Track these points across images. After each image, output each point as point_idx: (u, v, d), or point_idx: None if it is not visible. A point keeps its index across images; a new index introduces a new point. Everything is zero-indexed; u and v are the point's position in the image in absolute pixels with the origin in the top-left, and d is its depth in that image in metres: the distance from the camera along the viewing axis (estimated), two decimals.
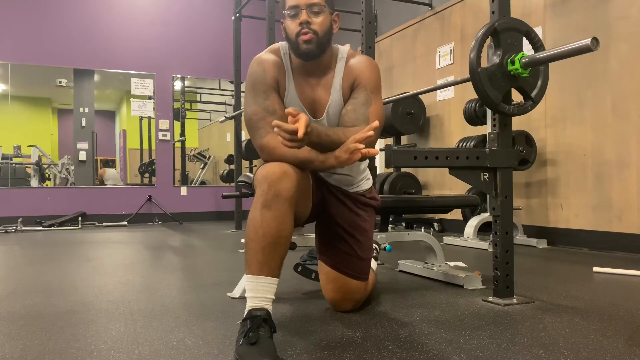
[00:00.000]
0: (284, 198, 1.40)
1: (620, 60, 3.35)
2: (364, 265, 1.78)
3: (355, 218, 1.79)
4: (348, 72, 1.68)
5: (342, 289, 1.76)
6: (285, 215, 1.41)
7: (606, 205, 3.43)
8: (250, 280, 1.39)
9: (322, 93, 1.68)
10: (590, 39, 1.57)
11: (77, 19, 6.47)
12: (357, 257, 1.77)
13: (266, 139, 1.57)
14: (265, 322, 1.33)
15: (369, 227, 1.82)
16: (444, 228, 4.90)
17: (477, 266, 2.83)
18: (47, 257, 3.43)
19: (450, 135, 4.93)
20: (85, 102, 6.75)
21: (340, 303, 1.78)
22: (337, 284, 1.76)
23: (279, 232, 1.39)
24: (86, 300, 2.05)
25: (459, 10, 4.87)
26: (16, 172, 6.43)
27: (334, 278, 1.76)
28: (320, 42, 1.60)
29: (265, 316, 1.34)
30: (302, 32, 1.58)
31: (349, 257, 1.76)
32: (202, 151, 7.54)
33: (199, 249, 3.79)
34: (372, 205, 1.86)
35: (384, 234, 2.35)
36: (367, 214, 1.83)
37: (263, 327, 1.31)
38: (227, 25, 6.16)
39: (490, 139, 1.96)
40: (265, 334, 1.30)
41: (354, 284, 1.76)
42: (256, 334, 1.29)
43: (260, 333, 1.30)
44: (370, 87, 1.65)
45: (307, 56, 1.61)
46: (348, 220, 1.78)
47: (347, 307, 1.78)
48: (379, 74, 1.69)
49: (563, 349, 1.38)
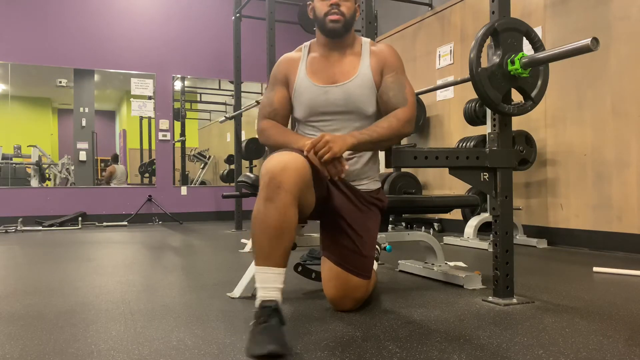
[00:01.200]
0: (285, 190, 1.46)
1: (620, 60, 3.35)
2: (367, 262, 1.79)
3: (358, 213, 1.80)
4: (374, 56, 1.88)
5: (343, 286, 1.76)
6: (287, 207, 1.47)
7: (606, 205, 3.43)
8: (258, 271, 1.46)
9: (346, 66, 1.87)
10: (590, 39, 1.57)
11: (77, 19, 6.47)
12: (360, 254, 1.77)
13: (262, 123, 1.89)
14: (275, 312, 1.39)
15: (372, 226, 1.83)
16: (444, 228, 4.90)
17: (477, 266, 2.83)
18: (47, 257, 3.43)
19: (450, 135, 4.93)
20: (85, 102, 6.75)
21: (341, 301, 1.78)
22: (339, 280, 1.76)
23: (282, 224, 1.45)
24: (86, 300, 2.05)
25: (459, 10, 4.87)
26: (16, 172, 6.43)
27: (336, 274, 1.77)
28: (347, 23, 1.84)
29: (275, 306, 1.40)
30: (332, 12, 1.82)
31: (352, 254, 1.76)
32: (202, 151, 7.55)
33: (199, 249, 3.79)
34: (377, 205, 1.88)
35: (384, 234, 2.35)
36: (371, 212, 1.84)
37: (273, 317, 1.38)
38: (227, 25, 6.17)
39: (490, 139, 1.96)
40: (275, 323, 1.37)
41: (355, 281, 1.76)
42: (267, 323, 1.36)
43: (271, 323, 1.36)
44: (400, 71, 1.87)
45: (333, 33, 1.84)
46: (351, 214, 1.79)
47: (348, 305, 1.78)
48: (401, 59, 1.92)
49: (563, 349, 1.38)
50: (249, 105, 5.18)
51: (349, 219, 1.78)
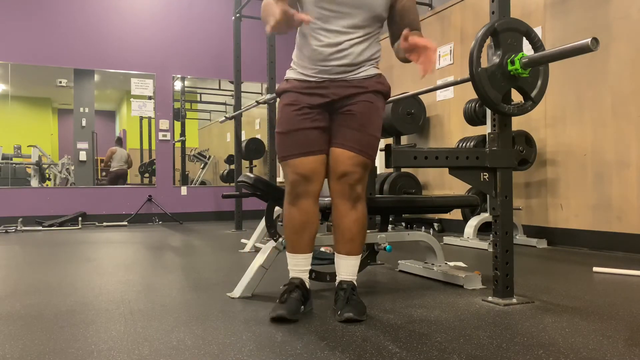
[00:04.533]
0: (305, 198, 1.77)
1: (620, 60, 3.35)
2: (369, 140, 1.76)
3: (358, 100, 1.76)
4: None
5: (343, 163, 1.75)
6: (307, 209, 1.78)
7: (606, 205, 3.43)
8: (288, 257, 1.84)
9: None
10: (590, 39, 1.57)
11: (78, 19, 6.47)
12: (359, 130, 1.75)
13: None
14: (298, 288, 1.75)
15: (372, 108, 1.78)
16: (444, 228, 4.90)
17: (477, 266, 2.83)
18: (47, 257, 3.43)
19: (450, 135, 4.94)
20: (85, 102, 6.75)
21: (338, 185, 1.77)
22: (340, 161, 1.75)
23: (303, 222, 1.79)
24: (86, 300, 2.05)
25: (459, 10, 4.88)
26: (16, 172, 6.42)
27: (338, 156, 1.76)
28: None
29: (298, 283, 1.77)
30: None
31: (352, 131, 1.75)
32: (202, 151, 7.54)
33: (199, 249, 3.79)
34: (379, 90, 1.81)
35: (384, 234, 2.35)
36: (373, 96, 1.79)
37: (294, 292, 1.74)
38: (227, 25, 6.17)
39: (490, 139, 1.97)
40: (295, 296, 1.73)
41: (352, 157, 1.74)
42: (287, 295, 1.73)
43: (292, 295, 1.73)
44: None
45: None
46: (351, 103, 1.76)
47: (345, 190, 1.77)
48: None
49: (563, 349, 1.38)
50: (249, 105, 5.17)
51: (352, 108, 1.76)
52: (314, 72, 1.79)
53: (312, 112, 1.77)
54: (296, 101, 1.78)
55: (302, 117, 1.77)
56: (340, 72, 1.77)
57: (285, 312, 1.66)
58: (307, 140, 1.76)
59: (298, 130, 1.76)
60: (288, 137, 1.78)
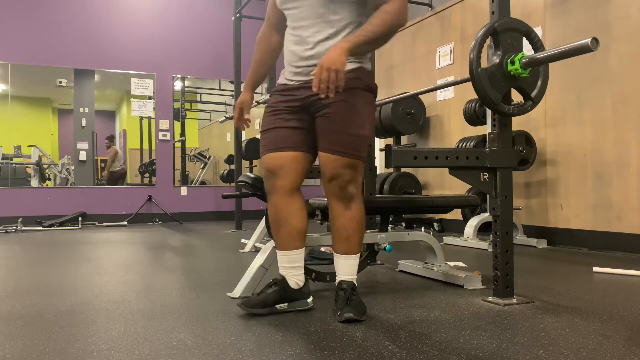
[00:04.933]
0: (274, 194, 1.79)
1: (620, 60, 3.36)
2: (352, 141, 1.71)
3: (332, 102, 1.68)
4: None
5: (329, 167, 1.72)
6: (276, 204, 1.79)
7: (606, 205, 3.43)
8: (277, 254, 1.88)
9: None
10: (590, 39, 1.57)
11: (78, 19, 6.47)
12: (338, 133, 1.70)
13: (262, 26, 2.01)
14: (276, 285, 1.79)
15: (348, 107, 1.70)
16: (444, 228, 4.90)
17: (477, 266, 2.83)
18: (47, 257, 3.43)
19: (450, 135, 4.94)
20: (85, 102, 6.75)
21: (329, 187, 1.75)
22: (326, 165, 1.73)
23: (276, 218, 1.81)
24: (86, 300, 2.05)
25: (459, 11, 4.87)
26: (16, 172, 6.42)
27: (323, 160, 1.74)
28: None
29: (277, 280, 1.80)
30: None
31: (331, 134, 1.71)
32: (202, 151, 7.54)
33: (199, 249, 3.79)
34: (354, 87, 1.70)
35: (384, 234, 2.35)
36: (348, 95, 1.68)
37: (271, 288, 1.79)
38: (227, 25, 6.16)
39: (490, 139, 1.97)
40: (270, 292, 1.78)
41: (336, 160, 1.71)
42: (264, 290, 1.80)
43: (267, 291, 1.79)
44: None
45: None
46: (326, 106, 1.70)
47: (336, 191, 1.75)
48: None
49: (563, 349, 1.38)
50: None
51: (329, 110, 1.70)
52: (290, 75, 1.81)
53: (286, 113, 1.79)
54: (275, 104, 1.83)
55: (276, 117, 1.81)
56: (311, 72, 1.70)
57: (248, 304, 1.76)
58: (277, 137, 1.80)
59: (271, 129, 1.82)
60: (262, 136, 1.86)
